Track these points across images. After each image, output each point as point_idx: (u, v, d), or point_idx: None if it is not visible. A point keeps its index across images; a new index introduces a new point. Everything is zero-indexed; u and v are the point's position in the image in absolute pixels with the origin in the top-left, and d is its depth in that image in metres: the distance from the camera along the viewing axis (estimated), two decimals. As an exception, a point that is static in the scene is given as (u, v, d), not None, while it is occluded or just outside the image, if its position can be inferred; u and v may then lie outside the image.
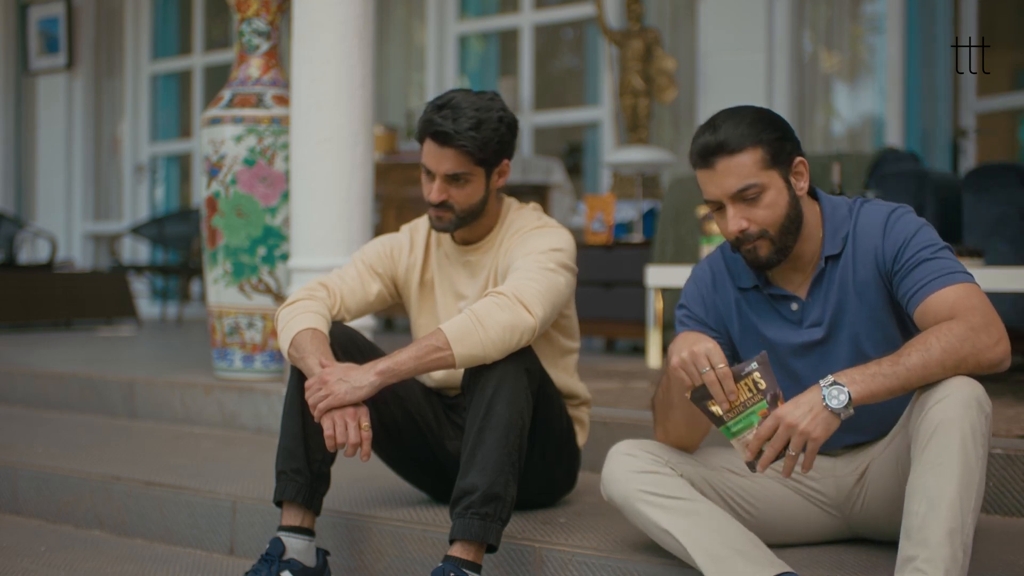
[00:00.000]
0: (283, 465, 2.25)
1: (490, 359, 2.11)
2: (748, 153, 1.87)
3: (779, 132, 1.90)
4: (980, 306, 1.80)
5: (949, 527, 1.66)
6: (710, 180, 1.90)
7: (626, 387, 3.68)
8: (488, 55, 7.86)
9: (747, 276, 2.03)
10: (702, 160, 1.90)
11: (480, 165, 2.30)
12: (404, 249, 2.49)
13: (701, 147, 1.90)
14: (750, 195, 1.88)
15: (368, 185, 3.61)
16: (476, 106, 2.27)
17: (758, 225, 1.89)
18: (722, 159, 1.87)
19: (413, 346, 2.14)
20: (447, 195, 2.30)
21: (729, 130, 1.87)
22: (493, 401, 2.10)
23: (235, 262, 3.86)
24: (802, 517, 2.08)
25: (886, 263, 1.91)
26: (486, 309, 2.12)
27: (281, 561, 2.17)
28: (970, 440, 1.69)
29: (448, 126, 2.24)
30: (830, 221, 1.97)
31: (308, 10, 3.54)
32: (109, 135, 9.33)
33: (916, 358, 1.75)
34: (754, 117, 1.90)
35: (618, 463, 1.99)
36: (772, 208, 1.89)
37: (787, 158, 1.91)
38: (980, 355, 1.75)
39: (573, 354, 2.50)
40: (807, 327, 1.99)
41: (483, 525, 2.04)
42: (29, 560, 2.64)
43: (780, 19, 6.26)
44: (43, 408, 4.21)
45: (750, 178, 1.87)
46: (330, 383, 2.11)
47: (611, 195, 5.58)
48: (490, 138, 2.27)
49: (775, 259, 1.93)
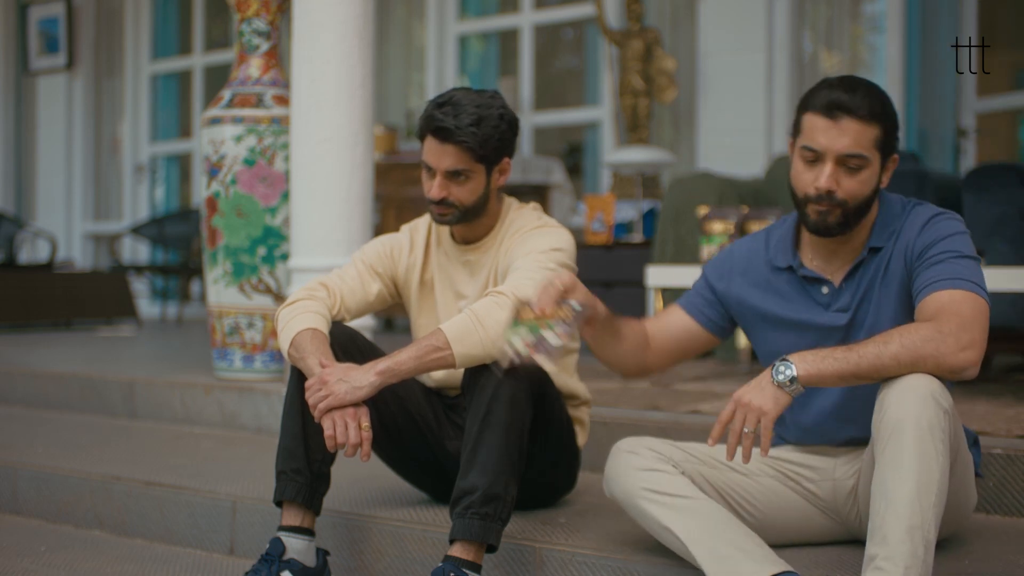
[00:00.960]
0: (283, 465, 2.25)
1: (490, 358, 2.11)
2: (873, 127, 1.90)
3: (895, 123, 1.95)
4: (965, 313, 1.80)
5: (908, 524, 1.67)
6: (826, 131, 1.90)
7: (626, 387, 3.68)
8: (488, 55, 7.86)
9: (783, 256, 2.06)
10: (827, 111, 1.90)
11: (480, 162, 2.30)
12: (404, 249, 2.49)
13: (833, 100, 1.90)
14: (853, 164, 1.91)
15: (368, 185, 3.61)
16: (477, 103, 2.27)
17: (843, 194, 1.92)
18: (849, 120, 1.89)
19: (413, 346, 2.14)
20: (447, 192, 2.30)
21: (867, 99, 1.90)
22: (493, 401, 2.10)
23: (235, 262, 3.86)
24: (801, 518, 2.09)
25: (912, 257, 1.94)
26: (486, 309, 2.12)
27: (281, 561, 2.17)
28: (927, 436, 1.71)
29: (449, 122, 2.25)
30: (883, 215, 2.01)
31: (308, 10, 3.54)
32: (109, 135, 9.33)
33: (871, 348, 1.79)
34: (885, 99, 1.93)
35: (621, 460, 2.00)
36: (863, 185, 1.93)
37: (890, 150, 1.96)
38: (941, 358, 1.76)
39: (573, 354, 2.50)
40: (833, 311, 2.02)
41: (483, 525, 2.04)
42: (29, 560, 2.64)
43: (780, 19, 6.25)
44: (43, 408, 4.21)
45: (863, 149, 1.90)
46: (330, 383, 2.10)
47: (611, 195, 5.58)
48: (490, 135, 2.27)
49: (836, 230, 1.95)
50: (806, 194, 1.94)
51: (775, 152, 6.14)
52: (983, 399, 3.32)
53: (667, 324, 2.17)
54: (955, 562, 2.00)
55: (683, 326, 2.16)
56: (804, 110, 1.95)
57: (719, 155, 6.21)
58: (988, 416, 2.92)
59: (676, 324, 2.17)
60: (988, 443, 2.45)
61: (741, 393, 1.82)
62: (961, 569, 1.97)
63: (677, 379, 3.95)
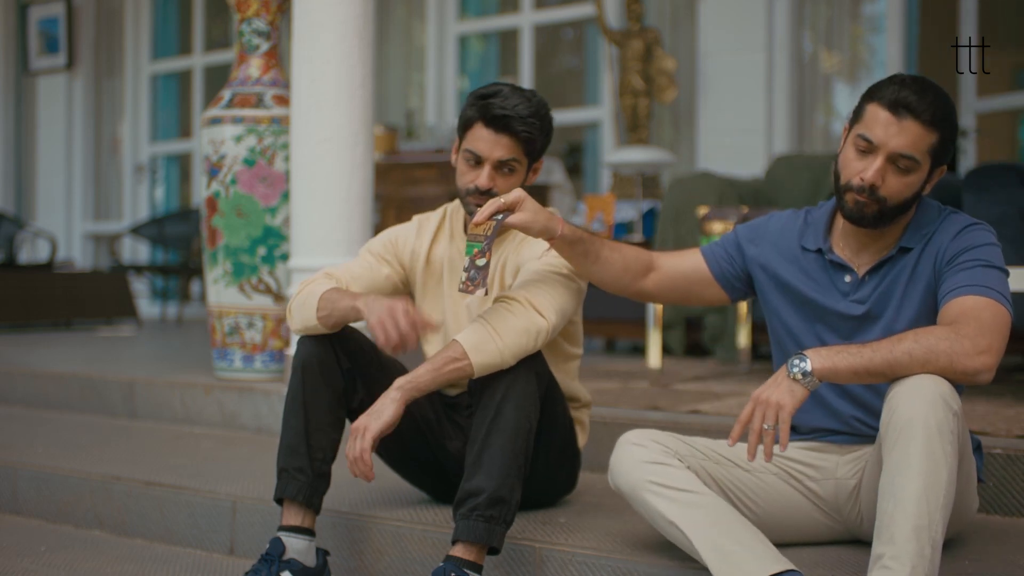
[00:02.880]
0: (285, 462, 2.25)
1: (507, 365, 2.11)
2: (931, 133, 1.91)
3: (953, 135, 1.95)
4: (985, 319, 1.81)
5: (915, 524, 1.68)
6: (887, 126, 1.91)
7: (626, 387, 3.68)
8: (488, 55, 7.86)
9: (814, 239, 2.08)
10: (894, 107, 1.91)
11: (528, 156, 2.28)
12: (411, 235, 2.48)
13: (901, 98, 1.90)
14: (904, 164, 1.92)
15: (368, 185, 3.61)
16: (529, 97, 2.26)
17: (886, 191, 1.93)
18: (912, 120, 1.90)
19: (430, 361, 2.14)
20: (494, 184, 2.26)
21: (933, 104, 1.90)
22: (502, 404, 2.09)
23: (235, 262, 3.86)
24: (803, 517, 2.09)
25: (943, 262, 1.95)
26: (499, 316, 2.12)
27: (281, 561, 2.17)
28: (936, 437, 1.71)
29: (510, 110, 2.22)
30: (918, 218, 2.02)
31: (308, 10, 3.54)
32: (109, 135, 9.33)
33: (886, 344, 1.80)
34: (951, 109, 1.94)
35: (627, 452, 2.00)
36: (907, 188, 1.93)
37: (941, 159, 1.96)
38: (956, 359, 1.77)
39: (576, 360, 2.50)
40: (851, 300, 2.03)
41: (487, 527, 2.04)
42: (29, 560, 2.64)
43: (780, 19, 6.26)
44: (43, 408, 4.21)
45: (916, 152, 1.91)
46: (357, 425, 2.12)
47: (611, 195, 5.58)
48: (544, 128, 2.28)
49: (871, 222, 1.96)
50: (849, 181, 1.95)
51: (775, 152, 6.14)
52: (983, 399, 3.32)
53: (681, 260, 2.21)
54: (955, 562, 2.00)
55: (696, 268, 2.20)
56: (869, 100, 1.95)
57: (719, 155, 6.22)
58: (988, 416, 2.92)
59: (690, 264, 2.20)
60: (988, 443, 2.45)
61: (759, 392, 1.83)
62: (961, 569, 1.97)
63: (677, 379, 3.95)
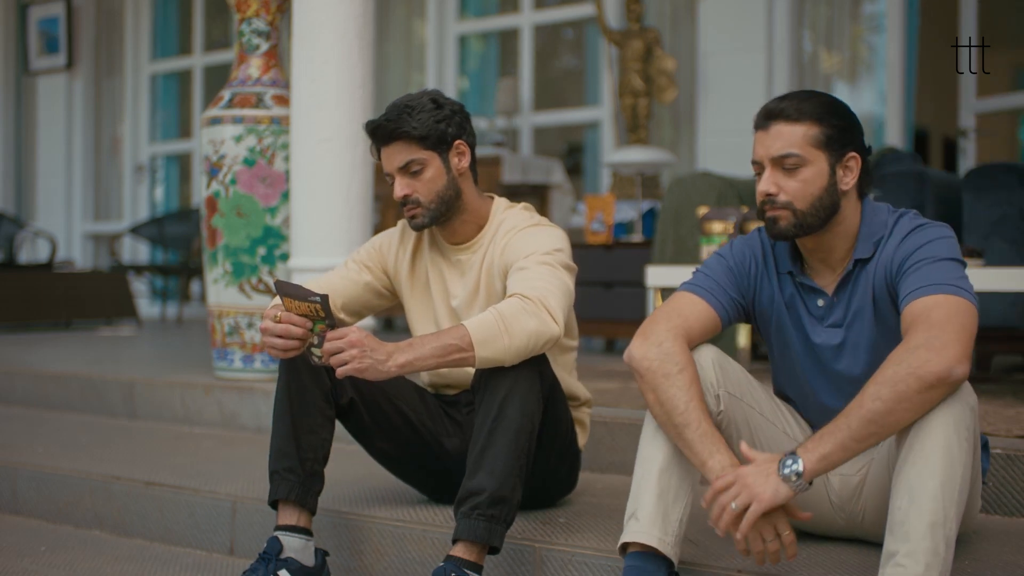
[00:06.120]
0: (275, 465, 2.26)
1: (508, 364, 2.10)
2: (803, 126, 1.91)
3: (843, 122, 1.94)
4: (935, 318, 1.75)
5: (931, 520, 1.66)
6: (761, 141, 1.95)
7: (626, 387, 3.68)
8: (488, 55, 7.86)
9: (784, 261, 2.06)
10: (762, 121, 1.95)
11: (428, 148, 2.30)
12: (395, 240, 2.49)
13: (765, 110, 1.95)
14: (789, 164, 1.92)
15: (368, 185, 3.61)
16: (406, 100, 2.32)
17: (786, 195, 1.92)
18: (778, 124, 1.92)
19: (435, 342, 2.08)
20: (411, 189, 2.31)
21: (795, 102, 1.93)
22: (505, 403, 2.09)
23: (235, 262, 3.86)
24: (816, 501, 2.05)
25: (892, 272, 1.91)
26: (514, 314, 2.09)
27: (278, 560, 2.17)
28: (953, 433, 1.70)
29: (382, 121, 2.30)
30: (867, 225, 1.98)
31: (308, 10, 3.54)
32: (109, 135, 9.33)
33: (854, 404, 1.73)
34: (826, 101, 1.94)
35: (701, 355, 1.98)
36: (806, 184, 1.92)
37: (841, 148, 1.94)
38: (920, 373, 1.69)
39: (572, 352, 2.50)
40: (827, 326, 2.01)
41: (488, 527, 2.04)
42: (29, 560, 2.65)
43: (780, 19, 6.25)
44: (43, 408, 4.21)
45: (794, 148, 1.91)
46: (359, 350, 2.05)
47: (611, 195, 5.58)
48: (425, 119, 2.28)
49: (792, 232, 1.94)
50: (758, 203, 1.97)
51: (775, 152, 6.13)
52: (983, 399, 3.31)
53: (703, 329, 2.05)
54: (955, 562, 1.99)
55: (715, 327, 2.07)
56: (755, 130, 1.97)
57: (719, 155, 6.21)
58: (988, 416, 2.92)
59: (711, 326, 2.06)
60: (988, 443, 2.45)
61: (747, 472, 1.75)
62: (961, 569, 1.96)
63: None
